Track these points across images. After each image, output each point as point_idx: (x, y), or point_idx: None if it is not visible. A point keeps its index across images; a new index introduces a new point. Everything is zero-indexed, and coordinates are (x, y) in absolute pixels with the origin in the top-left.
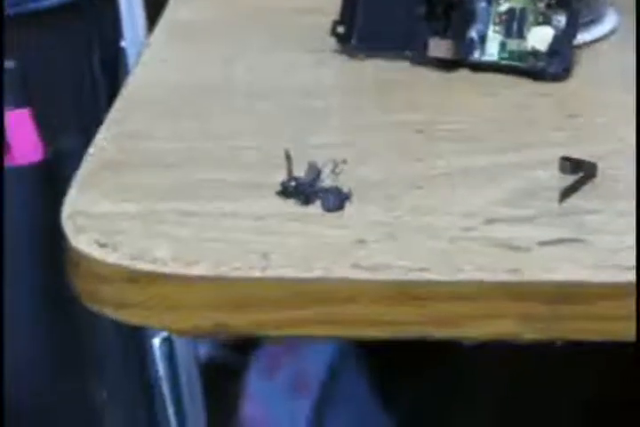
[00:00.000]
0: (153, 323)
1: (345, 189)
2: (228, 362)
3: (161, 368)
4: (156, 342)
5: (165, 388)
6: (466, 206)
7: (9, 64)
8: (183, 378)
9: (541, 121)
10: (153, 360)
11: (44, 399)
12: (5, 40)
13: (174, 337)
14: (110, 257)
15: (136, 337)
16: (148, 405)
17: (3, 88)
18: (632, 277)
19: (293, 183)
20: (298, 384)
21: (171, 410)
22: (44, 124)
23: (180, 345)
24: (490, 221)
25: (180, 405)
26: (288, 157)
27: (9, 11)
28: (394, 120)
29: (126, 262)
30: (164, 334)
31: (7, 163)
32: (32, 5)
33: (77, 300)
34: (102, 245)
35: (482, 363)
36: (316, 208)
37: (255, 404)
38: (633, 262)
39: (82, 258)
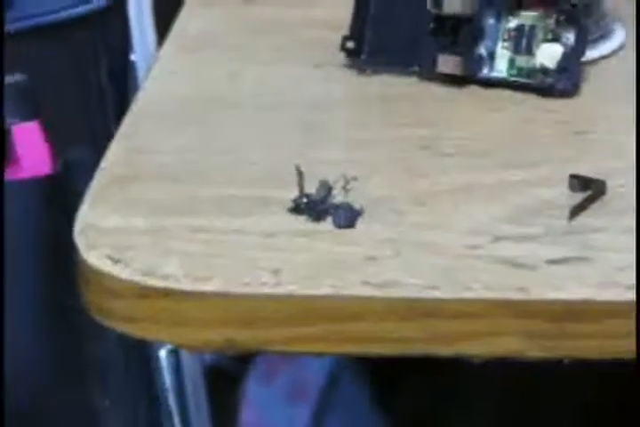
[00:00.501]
0: (162, 338)
1: (357, 206)
2: (228, 369)
3: (167, 380)
4: (163, 353)
5: (171, 398)
6: (472, 224)
7: (16, 77)
8: (189, 388)
9: (548, 137)
10: (159, 371)
11: (46, 406)
12: (13, 53)
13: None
14: (123, 273)
15: (141, 346)
16: (152, 414)
17: (2, 99)
18: (633, 295)
19: (305, 200)
20: (296, 391)
21: (176, 420)
22: (52, 137)
23: (186, 356)
24: (496, 239)
25: (186, 415)
26: (299, 174)
27: (17, 25)
28: (400, 135)
29: (138, 278)
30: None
31: (16, 175)
32: (37, 20)
33: (84, 310)
34: (115, 261)
35: (485, 372)
36: (326, 225)
37: (253, 410)
38: (634, 281)
39: (94, 273)
